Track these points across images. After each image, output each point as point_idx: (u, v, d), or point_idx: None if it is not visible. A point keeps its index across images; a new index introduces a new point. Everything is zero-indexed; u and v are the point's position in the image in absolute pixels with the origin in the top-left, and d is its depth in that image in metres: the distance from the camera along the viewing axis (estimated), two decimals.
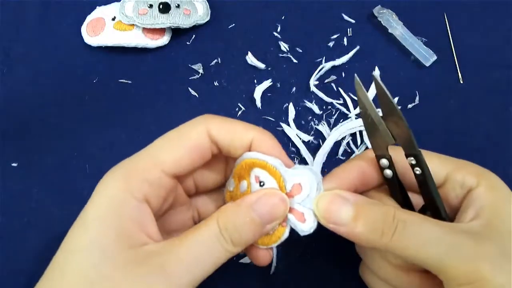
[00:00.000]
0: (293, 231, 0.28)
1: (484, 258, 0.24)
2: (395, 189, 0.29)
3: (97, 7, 0.47)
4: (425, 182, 0.27)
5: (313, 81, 0.44)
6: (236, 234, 0.25)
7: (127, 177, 0.26)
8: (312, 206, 0.27)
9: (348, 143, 0.42)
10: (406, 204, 0.30)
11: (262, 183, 0.27)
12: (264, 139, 0.28)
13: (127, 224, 0.25)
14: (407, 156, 0.27)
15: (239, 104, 0.44)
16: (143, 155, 0.27)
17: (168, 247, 0.25)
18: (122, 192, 0.25)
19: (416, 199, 0.30)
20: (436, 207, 0.28)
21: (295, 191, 0.27)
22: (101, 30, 0.45)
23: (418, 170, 0.27)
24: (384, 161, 0.28)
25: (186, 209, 0.32)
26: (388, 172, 0.29)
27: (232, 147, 0.28)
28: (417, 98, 0.43)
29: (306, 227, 0.27)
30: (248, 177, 0.28)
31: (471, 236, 0.25)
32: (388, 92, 0.26)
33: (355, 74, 0.28)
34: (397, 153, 0.28)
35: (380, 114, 0.27)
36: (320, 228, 0.27)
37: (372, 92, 0.43)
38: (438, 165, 0.29)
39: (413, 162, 0.27)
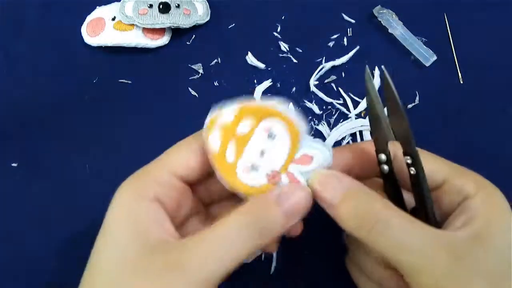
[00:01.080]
0: None
1: (453, 279, 0.23)
2: (390, 185, 0.29)
3: (97, 7, 0.47)
4: (418, 183, 0.27)
5: (313, 81, 0.44)
6: (262, 226, 0.25)
7: (137, 181, 0.27)
8: (308, 177, 0.27)
9: (348, 143, 0.42)
10: (398, 201, 0.30)
11: (273, 136, 0.27)
12: None
13: (142, 222, 0.25)
14: (404, 154, 0.27)
15: None
16: (154, 161, 0.28)
17: (187, 242, 0.24)
18: (134, 195, 0.26)
19: (410, 198, 0.30)
20: (425, 209, 0.28)
21: (303, 161, 0.27)
22: (101, 30, 0.45)
23: (412, 170, 0.27)
24: (383, 156, 0.28)
25: (204, 219, 0.32)
26: (385, 167, 0.29)
27: None
28: (417, 98, 0.43)
29: None
30: (257, 121, 0.27)
31: (449, 251, 0.24)
32: (395, 90, 0.26)
33: (366, 66, 0.27)
34: (397, 150, 0.28)
35: (385, 109, 0.27)
36: (320, 229, 0.27)
37: (377, 83, 0.43)
38: (439, 166, 0.28)
39: (409, 161, 0.27)
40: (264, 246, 0.26)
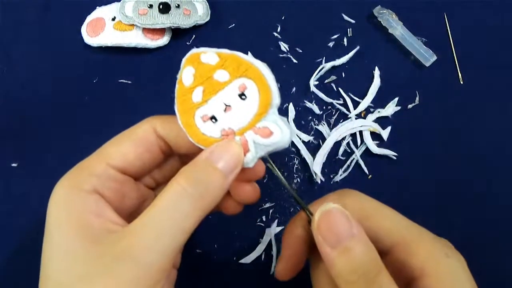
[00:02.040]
0: None
1: None
2: None
3: (97, 7, 0.47)
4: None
5: (313, 81, 0.44)
6: (201, 190, 0.24)
7: (73, 176, 0.26)
8: (259, 151, 0.25)
9: (348, 143, 0.42)
10: None
11: (243, 97, 0.25)
12: None
13: (81, 214, 0.24)
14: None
15: None
16: (91, 155, 0.27)
17: (131, 227, 0.23)
18: (69, 189, 0.25)
19: None
20: None
21: (262, 132, 0.25)
22: (101, 30, 0.45)
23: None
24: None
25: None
26: None
27: (179, 141, 0.28)
28: (417, 98, 0.43)
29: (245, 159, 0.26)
30: (236, 75, 0.25)
31: None
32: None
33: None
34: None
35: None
36: None
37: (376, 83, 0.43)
38: (395, 225, 0.26)
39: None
40: (211, 208, 0.24)
